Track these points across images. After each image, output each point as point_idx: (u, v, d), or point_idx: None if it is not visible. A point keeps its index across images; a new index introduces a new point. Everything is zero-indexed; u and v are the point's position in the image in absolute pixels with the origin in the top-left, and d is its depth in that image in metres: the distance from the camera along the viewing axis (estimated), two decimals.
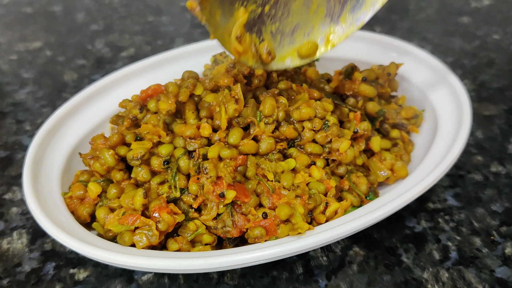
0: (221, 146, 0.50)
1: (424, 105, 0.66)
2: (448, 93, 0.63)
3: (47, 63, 1.00)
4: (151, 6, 1.26)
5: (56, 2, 1.31)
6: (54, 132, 0.61)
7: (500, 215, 0.58)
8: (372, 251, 0.54)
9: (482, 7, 1.13)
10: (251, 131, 0.52)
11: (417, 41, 0.99)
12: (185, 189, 0.51)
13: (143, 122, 0.55)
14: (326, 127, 0.53)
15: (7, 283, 0.52)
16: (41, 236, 0.58)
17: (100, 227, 0.51)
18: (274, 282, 0.51)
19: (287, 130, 0.52)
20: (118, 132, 0.55)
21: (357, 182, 0.55)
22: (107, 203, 0.52)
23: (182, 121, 0.55)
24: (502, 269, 0.51)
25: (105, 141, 0.53)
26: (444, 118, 0.60)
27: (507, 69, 0.87)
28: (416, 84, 0.68)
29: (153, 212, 0.48)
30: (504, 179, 0.63)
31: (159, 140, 0.54)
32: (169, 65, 0.74)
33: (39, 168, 0.56)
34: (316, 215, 0.50)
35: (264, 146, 0.52)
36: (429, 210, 0.59)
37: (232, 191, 0.47)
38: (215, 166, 0.48)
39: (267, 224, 0.47)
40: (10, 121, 0.81)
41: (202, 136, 0.52)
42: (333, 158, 0.54)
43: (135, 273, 0.52)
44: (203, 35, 1.08)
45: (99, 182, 0.54)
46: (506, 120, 0.74)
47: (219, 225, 0.48)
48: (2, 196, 0.65)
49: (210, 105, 0.54)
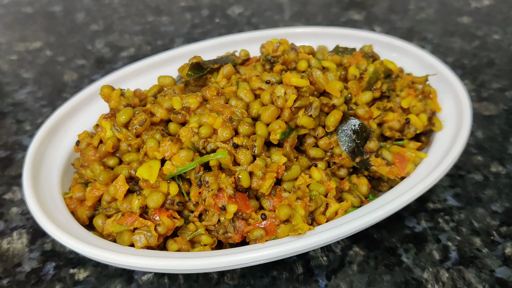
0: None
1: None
2: (448, 93, 0.63)
3: (47, 63, 1.00)
4: (151, 6, 1.26)
5: (56, 2, 1.31)
6: (54, 132, 0.61)
7: (500, 215, 0.58)
8: (372, 251, 0.54)
9: (482, 7, 1.13)
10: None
11: (417, 41, 0.99)
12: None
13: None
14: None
15: (7, 283, 0.52)
16: (41, 236, 0.58)
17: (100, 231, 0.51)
18: (274, 282, 0.51)
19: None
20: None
21: (357, 183, 0.55)
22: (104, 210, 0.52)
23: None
24: (502, 269, 0.51)
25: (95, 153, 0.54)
26: (444, 118, 0.61)
27: (507, 69, 0.87)
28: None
29: (153, 215, 0.48)
30: (504, 179, 0.63)
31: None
32: (169, 65, 0.74)
33: (39, 168, 0.56)
34: (316, 215, 0.50)
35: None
36: (429, 210, 0.59)
37: (233, 205, 0.47)
38: (216, 177, 0.48)
39: (267, 225, 0.47)
40: (10, 121, 0.81)
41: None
42: (334, 161, 0.55)
43: (135, 273, 0.52)
44: (203, 35, 1.08)
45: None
46: (506, 120, 0.74)
47: (221, 231, 0.48)
48: (2, 196, 0.65)
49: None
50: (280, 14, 1.17)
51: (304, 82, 0.52)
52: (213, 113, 0.50)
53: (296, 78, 0.52)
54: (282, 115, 0.51)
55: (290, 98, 0.50)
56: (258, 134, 0.50)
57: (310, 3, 1.22)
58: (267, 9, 1.20)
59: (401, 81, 0.62)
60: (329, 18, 1.13)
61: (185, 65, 0.61)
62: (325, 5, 1.20)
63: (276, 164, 0.49)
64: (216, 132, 0.49)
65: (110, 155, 0.54)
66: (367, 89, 0.58)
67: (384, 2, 1.19)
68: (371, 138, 0.54)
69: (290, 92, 0.50)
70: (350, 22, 1.10)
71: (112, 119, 0.53)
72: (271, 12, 1.18)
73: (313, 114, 0.52)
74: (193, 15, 1.19)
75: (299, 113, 0.51)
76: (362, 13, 1.15)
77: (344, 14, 1.14)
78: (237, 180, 0.48)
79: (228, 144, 0.49)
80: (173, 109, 0.53)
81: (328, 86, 0.54)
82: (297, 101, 0.50)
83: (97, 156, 0.54)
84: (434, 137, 0.59)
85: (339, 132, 0.54)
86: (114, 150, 0.53)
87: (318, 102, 0.52)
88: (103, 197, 0.51)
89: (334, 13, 1.16)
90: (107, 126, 0.53)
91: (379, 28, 1.07)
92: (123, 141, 0.52)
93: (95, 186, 0.51)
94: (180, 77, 0.63)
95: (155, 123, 0.54)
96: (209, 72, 0.60)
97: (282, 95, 0.50)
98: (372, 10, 1.16)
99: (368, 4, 1.19)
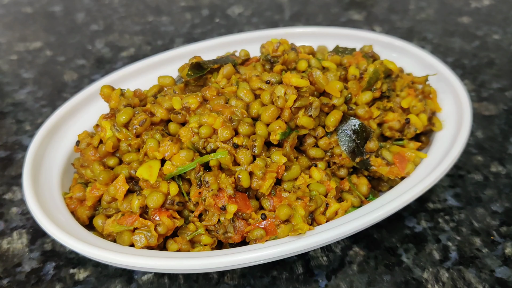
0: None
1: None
2: (448, 93, 0.63)
3: (47, 63, 1.00)
4: (151, 6, 1.26)
5: (56, 2, 1.31)
6: (54, 132, 0.61)
7: (500, 215, 0.58)
8: (372, 251, 0.54)
9: (482, 7, 1.13)
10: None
11: (417, 41, 0.99)
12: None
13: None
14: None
15: (7, 283, 0.52)
16: (41, 236, 0.58)
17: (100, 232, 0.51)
18: (274, 282, 0.51)
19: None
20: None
21: (357, 183, 0.55)
22: (104, 210, 0.52)
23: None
24: (502, 269, 0.51)
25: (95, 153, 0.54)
26: (444, 118, 0.61)
27: (507, 69, 0.87)
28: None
29: (153, 215, 0.48)
30: (504, 179, 0.63)
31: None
32: (169, 65, 0.74)
33: (39, 168, 0.56)
34: (316, 215, 0.50)
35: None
36: (429, 210, 0.59)
37: (233, 205, 0.47)
38: (216, 177, 0.48)
39: (267, 225, 0.47)
40: (10, 121, 0.81)
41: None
42: (334, 161, 0.55)
43: (135, 273, 0.52)
44: (203, 35, 1.08)
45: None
46: (506, 120, 0.74)
47: (221, 231, 0.48)
48: (2, 196, 0.65)
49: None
50: (280, 14, 1.17)
51: (304, 82, 0.52)
52: (213, 113, 0.50)
53: (296, 78, 0.52)
54: (282, 115, 0.51)
55: (290, 98, 0.50)
56: (258, 134, 0.50)
57: (310, 3, 1.22)
58: (267, 9, 1.20)
59: (401, 81, 0.62)
60: (329, 18, 1.13)
61: (185, 65, 0.61)
62: (325, 5, 1.20)
63: (276, 164, 0.49)
64: (216, 132, 0.49)
65: (110, 155, 0.53)
66: (367, 89, 0.58)
67: (384, 2, 1.19)
68: (371, 138, 0.54)
69: (290, 92, 0.50)
70: (350, 22, 1.10)
71: (112, 119, 0.53)
72: (271, 12, 1.18)
73: (313, 114, 0.52)
74: (193, 15, 1.19)
75: (299, 113, 0.51)
76: (362, 13, 1.15)
77: (344, 14, 1.14)
78: (237, 180, 0.48)
79: (228, 144, 0.49)
80: (173, 109, 0.53)
81: (328, 86, 0.54)
82: (297, 101, 0.50)
83: (97, 156, 0.54)
84: (434, 137, 0.59)
85: (339, 132, 0.54)
86: (114, 150, 0.53)
87: (318, 102, 0.52)
88: (103, 197, 0.51)
89: (334, 13, 1.16)
90: (107, 126, 0.53)
91: (379, 28, 1.07)
92: (123, 141, 0.52)
93: (95, 186, 0.51)
94: (180, 77, 0.63)
95: (155, 123, 0.54)
96: (209, 72, 0.60)
97: (282, 95, 0.50)
98: (372, 10, 1.16)
99: (368, 4, 1.19)
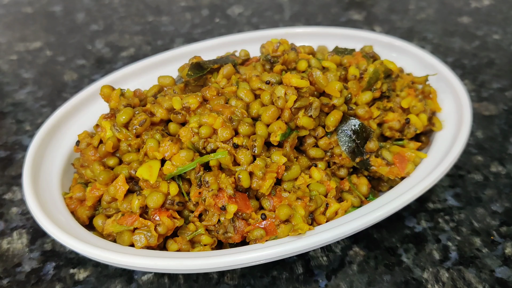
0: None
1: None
2: (448, 93, 0.63)
3: (47, 63, 1.00)
4: (151, 6, 1.26)
5: (56, 2, 1.31)
6: (54, 132, 0.61)
7: (500, 215, 0.58)
8: (372, 251, 0.54)
9: (482, 7, 1.13)
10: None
11: (417, 41, 0.99)
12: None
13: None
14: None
15: (7, 283, 0.52)
16: (41, 236, 0.58)
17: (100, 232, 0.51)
18: (274, 282, 0.51)
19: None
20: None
21: (357, 183, 0.55)
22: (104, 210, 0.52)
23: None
24: (502, 269, 0.51)
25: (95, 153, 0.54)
26: (444, 118, 0.61)
27: (507, 69, 0.87)
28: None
29: (153, 215, 0.48)
30: (504, 179, 0.63)
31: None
32: (169, 65, 0.74)
33: (39, 168, 0.56)
34: (316, 215, 0.50)
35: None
36: (429, 210, 0.59)
37: (233, 205, 0.47)
38: (216, 177, 0.48)
39: (267, 225, 0.47)
40: (10, 121, 0.81)
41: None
42: (334, 161, 0.55)
43: (135, 273, 0.52)
44: (203, 35, 1.08)
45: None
46: (506, 120, 0.74)
47: (221, 231, 0.48)
48: (2, 196, 0.65)
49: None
50: (280, 14, 1.17)
51: (304, 82, 0.52)
52: (213, 113, 0.50)
53: (296, 79, 0.52)
54: (282, 115, 0.51)
55: (290, 99, 0.50)
56: (258, 134, 0.50)
57: (310, 3, 1.22)
58: (267, 9, 1.20)
59: (401, 81, 0.62)
60: (329, 18, 1.13)
61: (185, 65, 0.61)
62: (325, 5, 1.20)
63: (276, 164, 0.49)
64: (216, 132, 0.49)
65: (110, 155, 0.53)
66: (367, 89, 0.58)
67: (384, 2, 1.19)
68: (371, 138, 0.54)
69: (290, 92, 0.50)
70: (350, 22, 1.10)
71: (112, 119, 0.53)
72: (271, 12, 1.18)
73: (313, 115, 0.51)
74: (193, 15, 1.19)
75: (299, 113, 0.51)
76: (362, 13, 1.15)
77: (344, 14, 1.14)
78: (237, 180, 0.48)
79: (228, 144, 0.49)
80: (173, 109, 0.53)
81: (328, 86, 0.54)
82: (297, 101, 0.50)
83: (97, 156, 0.54)
84: (434, 137, 0.59)
85: (339, 132, 0.54)
86: (114, 150, 0.53)
87: (318, 103, 0.52)
88: (103, 197, 0.51)
89: (334, 13, 1.16)
90: (107, 126, 0.53)
91: (379, 28, 1.07)
92: (123, 141, 0.52)
93: (95, 186, 0.51)
94: (180, 77, 0.63)
95: (155, 123, 0.54)
96: (209, 72, 0.60)
97: (282, 95, 0.50)
98: (372, 10, 1.16)
99: (368, 4, 1.19)
